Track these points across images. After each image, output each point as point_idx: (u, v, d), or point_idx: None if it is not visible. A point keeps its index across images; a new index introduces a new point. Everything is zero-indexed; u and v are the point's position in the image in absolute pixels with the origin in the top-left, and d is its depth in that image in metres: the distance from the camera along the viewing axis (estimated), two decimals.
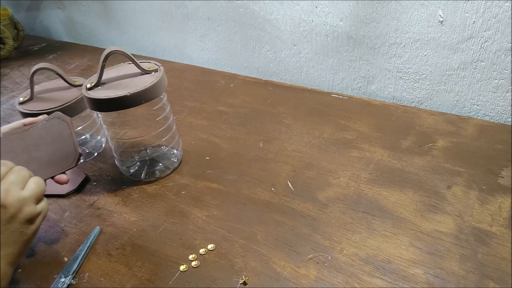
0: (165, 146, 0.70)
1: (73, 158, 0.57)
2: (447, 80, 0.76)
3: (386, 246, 0.50)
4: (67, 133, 0.57)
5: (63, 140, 0.57)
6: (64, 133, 0.58)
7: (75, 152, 0.57)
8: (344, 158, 0.66)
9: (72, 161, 0.57)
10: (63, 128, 0.58)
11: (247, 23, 0.96)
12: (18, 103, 0.69)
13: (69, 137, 0.57)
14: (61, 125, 0.58)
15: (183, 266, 0.51)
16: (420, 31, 0.74)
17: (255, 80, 0.95)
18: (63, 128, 0.58)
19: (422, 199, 0.56)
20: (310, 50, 0.90)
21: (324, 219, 0.55)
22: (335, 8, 0.80)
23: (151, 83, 0.58)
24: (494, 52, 0.69)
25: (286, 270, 0.49)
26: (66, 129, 0.58)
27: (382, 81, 0.84)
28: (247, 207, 0.59)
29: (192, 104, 0.88)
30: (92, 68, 1.12)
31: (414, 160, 0.64)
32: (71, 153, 0.57)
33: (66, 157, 0.57)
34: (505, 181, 0.58)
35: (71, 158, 0.57)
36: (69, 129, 0.58)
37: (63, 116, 0.59)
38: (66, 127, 0.58)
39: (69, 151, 0.57)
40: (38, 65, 0.67)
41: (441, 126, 0.71)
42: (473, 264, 0.47)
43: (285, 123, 0.77)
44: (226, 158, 0.70)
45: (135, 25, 1.19)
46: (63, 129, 0.58)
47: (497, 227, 0.51)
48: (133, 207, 0.62)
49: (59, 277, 0.51)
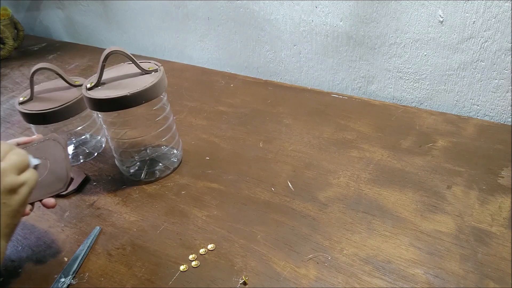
0: (165, 146, 0.70)
1: (63, 182, 0.54)
2: (447, 80, 0.76)
3: (386, 246, 0.50)
4: (61, 156, 0.55)
5: (56, 162, 0.55)
6: (58, 155, 0.55)
7: (66, 177, 0.54)
8: (344, 158, 0.66)
9: (62, 185, 0.54)
10: (58, 150, 0.55)
11: (247, 23, 0.96)
12: (18, 103, 0.69)
13: (63, 161, 0.55)
14: (56, 147, 0.55)
15: (183, 266, 0.51)
16: (420, 31, 0.74)
17: (255, 80, 0.95)
18: (58, 150, 0.55)
19: (422, 199, 0.56)
20: (310, 50, 0.90)
21: (324, 219, 0.55)
22: (335, 8, 0.80)
23: (151, 83, 0.58)
24: (494, 52, 0.69)
25: (286, 270, 0.49)
26: (60, 151, 0.55)
27: (382, 81, 0.84)
28: (247, 207, 0.59)
29: (192, 104, 0.88)
30: (92, 68, 1.12)
31: (414, 160, 0.64)
32: (63, 177, 0.54)
33: (57, 181, 0.54)
34: (505, 181, 0.58)
35: (62, 183, 0.54)
36: (63, 152, 0.55)
37: (58, 138, 0.56)
38: (61, 150, 0.55)
39: (61, 174, 0.54)
40: (38, 65, 0.67)
41: (441, 126, 0.71)
42: (473, 264, 0.47)
43: (285, 123, 0.77)
44: (226, 158, 0.70)
45: (135, 25, 1.19)
46: (58, 151, 0.55)
47: (497, 227, 0.51)
48: (133, 207, 0.62)
49: (59, 277, 0.51)
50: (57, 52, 1.28)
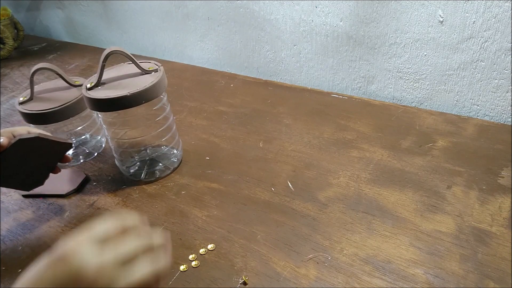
0: (165, 146, 0.70)
1: (67, 141, 0.56)
2: (447, 80, 0.76)
3: (386, 246, 0.50)
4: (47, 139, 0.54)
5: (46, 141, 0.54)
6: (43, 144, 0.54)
7: (66, 140, 0.56)
8: (344, 158, 0.66)
9: (68, 144, 0.56)
10: (35, 142, 0.53)
11: (247, 23, 0.96)
12: (18, 103, 0.69)
13: (49, 138, 0.54)
14: (32, 142, 0.53)
15: (183, 266, 0.51)
16: (420, 31, 0.74)
17: (255, 80, 0.95)
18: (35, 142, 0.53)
19: (422, 199, 0.56)
20: (310, 50, 0.90)
21: (324, 219, 0.55)
22: (335, 8, 0.80)
23: (151, 83, 0.58)
24: (494, 52, 0.69)
25: (286, 270, 0.49)
26: (43, 140, 0.53)
27: (382, 81, 0.84)
28: (247, 207, 0.59)
29: (192, 104, 0.88)
30: (92, 68, 1.12)
31: (414, 160, 0.64)
32: (65, 141, 0.56)
33: (63, 147, 0.56)
34: (505, 181, 0.58)
35: (67, 143, 0.56)
36: (46, 136, 0.54)
37: (21, 137, 0.52)
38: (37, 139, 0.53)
39: (62, 139, 0.56)
40: (38, 65, 0.67)
41: (441, 126, 0.71)
42: (473, 264, 0.47)
43: (285, 123, 0.77)
44: (226, 158, 0.70)
45: (135, 25, 1.19)
46: (36, 142, 0.53)
47: (497, 227, 0.51)
48: (133, 207, 0.62)
49: None
50: (57, 52, 1.28)
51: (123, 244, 0.32)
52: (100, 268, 0.30)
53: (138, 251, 0.32)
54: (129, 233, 0.33)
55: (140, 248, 0.33)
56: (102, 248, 0.31)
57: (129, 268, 0.31)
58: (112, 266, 0.31)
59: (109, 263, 0.31)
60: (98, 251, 0.31)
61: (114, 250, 0.31)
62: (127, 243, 0.32)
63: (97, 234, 0.32)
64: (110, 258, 0.31)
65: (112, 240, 0.32)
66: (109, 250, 0.31)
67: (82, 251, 0.30)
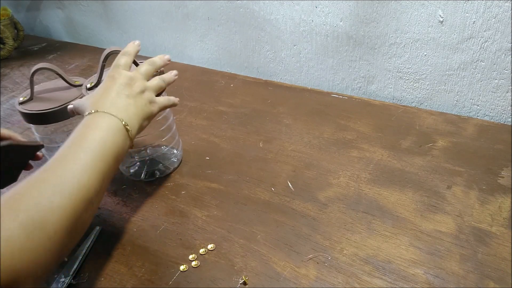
0: (165, 146, 0.70)
1: (39, 143, 0.56)
2: (447, 80, 0.76)
3: (386, 246, 0.50)
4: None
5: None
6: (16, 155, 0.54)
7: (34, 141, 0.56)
8: (344, 158, 0.66)
9: (40, 146, 0.56)
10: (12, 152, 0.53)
11: (247, 23, 0.96)
12: (18, 103, 0.68)
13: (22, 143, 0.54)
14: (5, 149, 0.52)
15: (183, 266, 0.51)
16: (420, 31, 0.74)
17: (255, 80, 0.95)
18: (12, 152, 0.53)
19: (422, 199, 0.56)
20: (310, 50, 0.90)
21: (324, 219, 0.55)
22: (335, 8, 0.80)
23: None
24: (494, 52, 0.69)
25: (286, 270, 0.49)
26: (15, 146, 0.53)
27: (382, 81, 0.84)
28: (247, 207, 0.59)
29: (192, 104, 0.88)
30: (92, 68, 1.12)
31: (414, 160, 0.64)
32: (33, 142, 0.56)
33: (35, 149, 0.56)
34: (505, 181, 0.58)
35: (39, 145, 0.56)
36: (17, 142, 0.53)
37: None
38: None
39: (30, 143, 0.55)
40: (38, 65, 0.67)
41: (441, 126, 0.71)
42: (473, 264, 0.47)
43: (285, 123, 0.77)
44: (226, 158, 0.70)
45: (135, 25, 1.19)
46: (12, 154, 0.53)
47: (497, 227, 0.51)
48: (133, 207, 0.62)
49: (59, 277, 0.51)
50: (57, 52, 1.28)
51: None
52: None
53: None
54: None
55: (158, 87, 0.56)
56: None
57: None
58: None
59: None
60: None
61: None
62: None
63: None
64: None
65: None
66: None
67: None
